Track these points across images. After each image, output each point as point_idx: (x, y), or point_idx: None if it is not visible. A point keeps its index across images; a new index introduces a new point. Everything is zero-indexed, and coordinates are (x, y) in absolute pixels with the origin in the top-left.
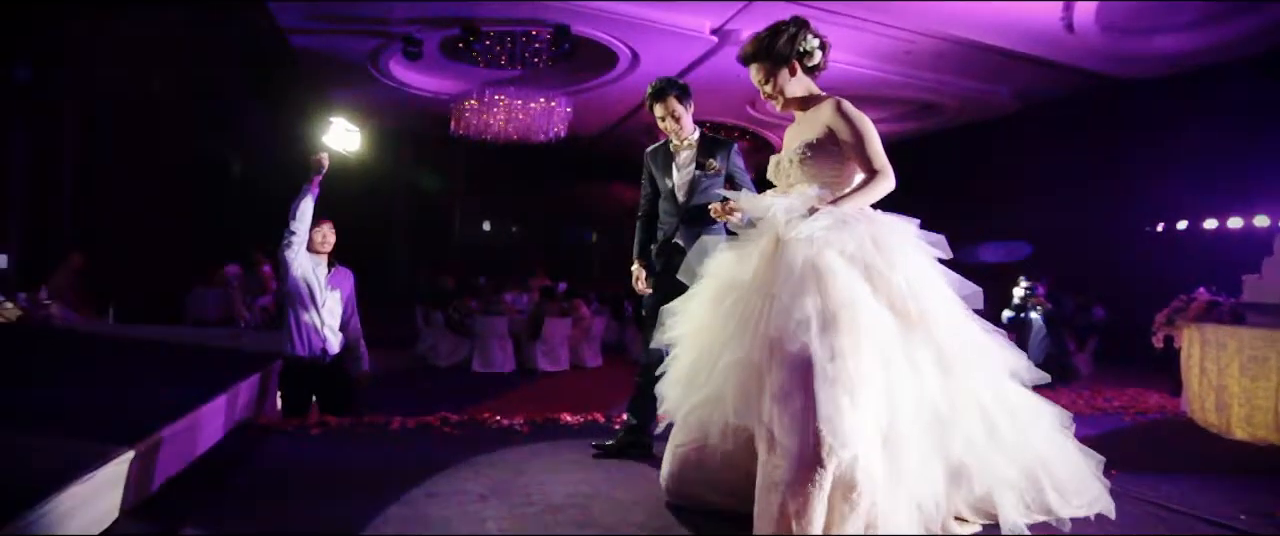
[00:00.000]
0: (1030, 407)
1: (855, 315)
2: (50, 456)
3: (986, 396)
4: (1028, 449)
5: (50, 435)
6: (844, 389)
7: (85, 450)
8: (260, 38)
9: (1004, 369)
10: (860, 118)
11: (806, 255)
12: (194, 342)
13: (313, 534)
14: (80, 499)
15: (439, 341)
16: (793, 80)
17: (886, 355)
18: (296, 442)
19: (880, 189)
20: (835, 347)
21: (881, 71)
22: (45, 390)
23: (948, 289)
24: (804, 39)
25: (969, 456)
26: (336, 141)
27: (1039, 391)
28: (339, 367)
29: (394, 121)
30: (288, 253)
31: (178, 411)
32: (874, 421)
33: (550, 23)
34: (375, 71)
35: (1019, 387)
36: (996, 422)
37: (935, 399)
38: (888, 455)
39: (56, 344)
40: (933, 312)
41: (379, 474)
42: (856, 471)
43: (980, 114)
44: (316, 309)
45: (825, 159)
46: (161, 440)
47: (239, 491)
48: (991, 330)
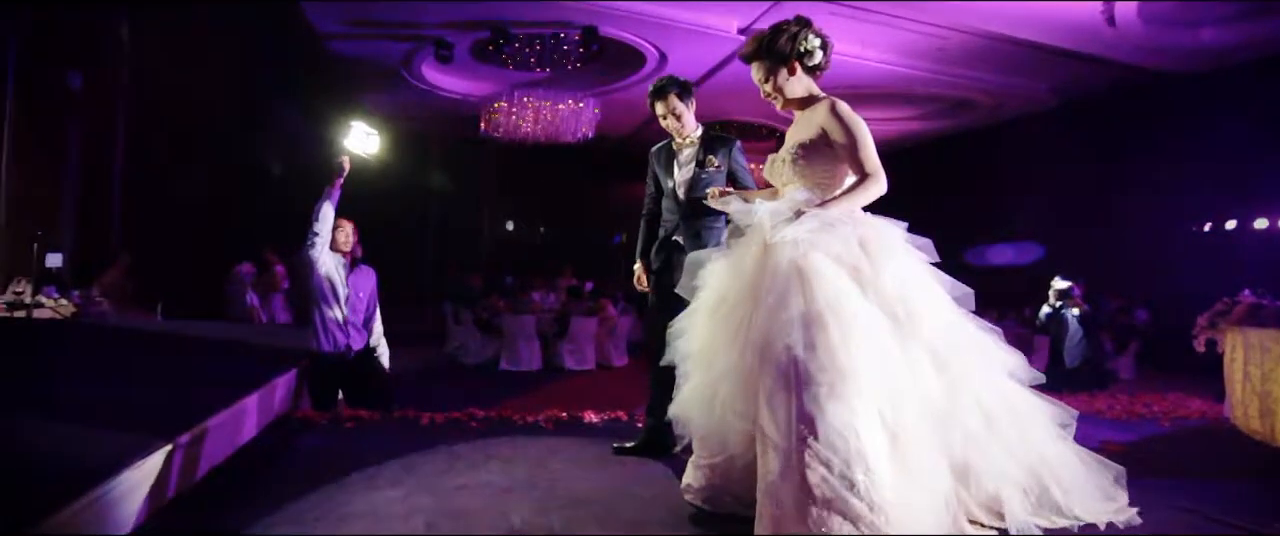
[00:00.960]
0: (1031, 407)
1: (842, 315)
2: (98, 446)
3: (985, 394)
4: (1030, 447)
5: (98, 426)
6: (829, 389)
7: (130, 441)
8: (298, 44)
9: (1002, 367)
10: (854, 120)
11: (792, 258)
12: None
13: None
14: (126, 488)
15: (468, 340)
16: (792, 80)
17: (882, 352)
18: (330, 436)
19: (871, 192)
20: (820, 347)
21: (913, 68)
22: (95, 383)
23: (939, 289)
24: (805, 38)
25: (971, 453)
26: (357, 145)
27: (1076, 395)
28: (363, 363)
29: (425, 124)
30: (312, 253)
31: (219, 405)
32: (874, 419)
33: (578, 24)
34: (408, 75)
35: (1019, 387)
36: (996, 419)
37: (933, 396)
38: (896, 453)
39: (107, 339)
40: (922, 312)
41: (408, 467)
42: (854, 471)
43: (1016, 110)
44: (340, 306)
45: (818, 160)
46: (204, 432)
47: (276, 482)
48: (990, 329)
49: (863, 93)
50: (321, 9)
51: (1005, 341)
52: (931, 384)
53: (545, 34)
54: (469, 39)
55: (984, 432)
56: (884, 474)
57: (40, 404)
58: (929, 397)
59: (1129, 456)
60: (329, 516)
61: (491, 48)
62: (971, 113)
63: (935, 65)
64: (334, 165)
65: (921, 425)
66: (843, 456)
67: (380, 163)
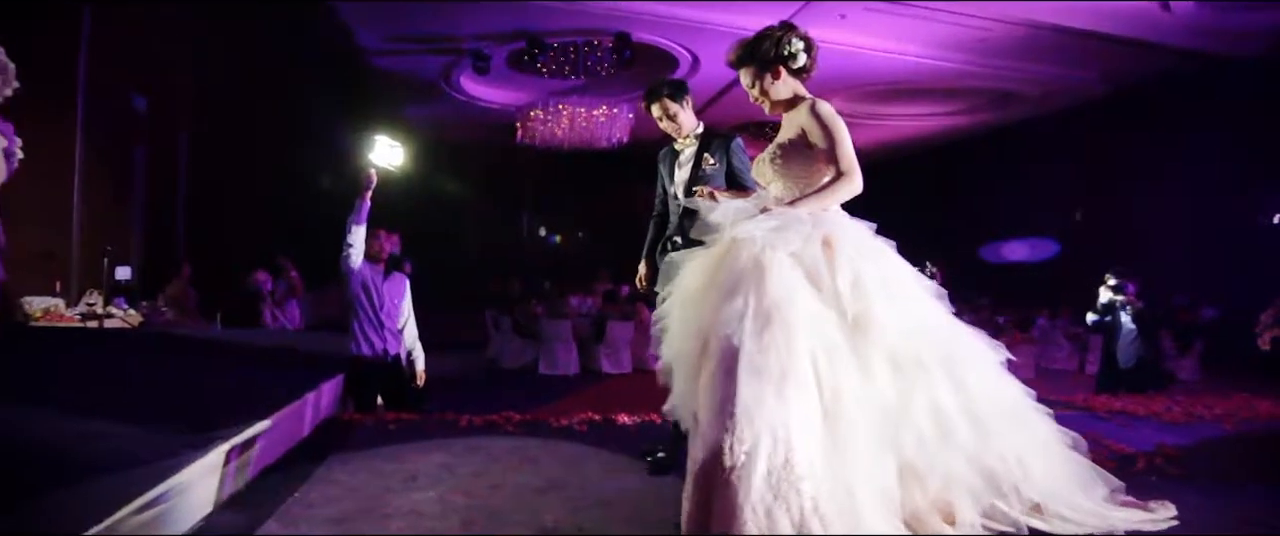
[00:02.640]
0: (1002, 412)
1: (790, 312)
2: (158, 447)
3: (945, 397)
4: (995, 452)
5: (159, 428)
6: (769, 382)
7: (190, 442)
8: (345, 62)
9: (975, 371)
10: (832, 119)
11: (751, 253)
12: (285, 345)
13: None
14: (185, 486)
15: (507, 345)
16: (778, 83)
17: (829, 351)
18: (374, 437)
19: (842, 191)
20: (764, 343)
21: (954, 62)
22: (159, 388)
23: (909, 290)
24: (789, 42)
25: (923, 455)
26: (381, 158)
27: (1131, 396)
28: (400, 367)
29: (464, 134)
30: (347, 263)
31: (272, 408)
32: (812, 417)
33: (611, 31)
34: (447, 87)
35: (995, 391)
36: (952, 423)
37: (884, 396)
38: (835, 452)
39: (169, 346)
40: (879, 313)
41: (446, 467)
42: (783, 468)
43: (1065, 101)
44: (377, 313)
45: (796, 160)
46: (258, 434)
47: (322, 482)
48: (972, 333)
49: (901, 88)
50: (367, 27)
51: (987, 343)
52: (883, 384)
53: (579, 42)
54: (505, 50)
55: (936, 435)
56: (816, 472)
57: (108, 406)
58: (879, 398)
59: (1185, 460)
60: (371, 515)
61: (527, 57)
62: (1018, 105)
63: (978, 58)
64: (361, 179)
65: (866, 424)
66: (771, 452)
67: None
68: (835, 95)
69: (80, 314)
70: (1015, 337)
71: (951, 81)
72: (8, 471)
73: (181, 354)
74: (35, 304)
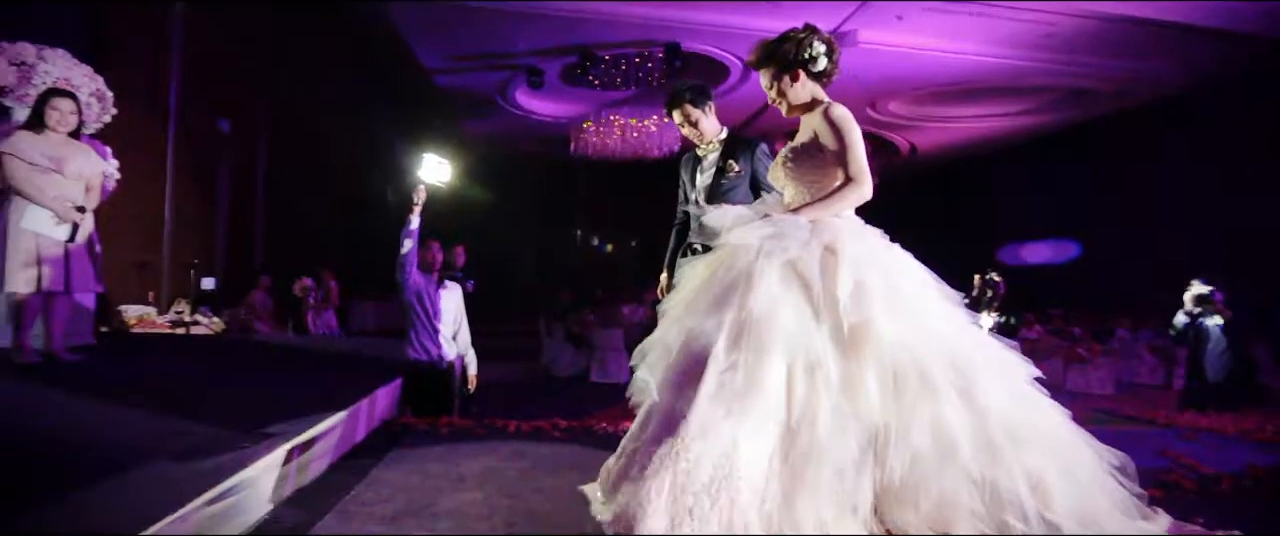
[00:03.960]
0: (1027, 432)
1: (765, 330)
2: (229, 444)
3: (949, 413)
4: (1003, 473)
5: (231, 426)
6: (731, 397)
7: (256, 440)
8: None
9: (990, 386)
10: (844, 123)
11: (744, 262)
12: (351, 351)
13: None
14: (251, 480)
15: (559, 353)
16: (796, 86)
17: (810, 368)
18: (426, 440)
19: (851, 197)
20: (734, 358)
21: (1018, 59)
22: (235, 390)
23: (922, 300)
24: (810, 45)
25: (916, 474)
26: (430, 174)
27: (1220, 412)
28: (452, 373)
29: (519, 146)
30: (402, 273)
31: (335, 411)
32: (765, 432)
33: (662, 41)
34: (503, 102)
35: (1015, 409)
36: (954, 443)
37: (870, 416)
38: (786, 466)
39: (246, 351)
40: (880, 324)
41: (493, 471)
42: (725, 476)
43: (1141, 97)
44: (431, 320)
45: (807, 164)
46: (321, 435)
47: (376, 482)
48: (994, 347)
49: (963, 89)
50: (427, 47)
51: (1012, 357)
52: (872, 402)
53: (630, 54)
54: (558, 64)
55: (934, 454)
56: (758, 486)
57: (188, 406)
58: (865, 417)
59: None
60: (421, 514)
61: (579, 71)
62: (1091, 102)
63: (1044, 54)
64: (410, 195)
65: (838, 445)
66: (717, 463)
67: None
68: (893, 98)
69: (170, 321)
70: (1092, 350)
71: (1017, 80)
72: (94, 463)
73: (256, 358)
74: (130, 312)
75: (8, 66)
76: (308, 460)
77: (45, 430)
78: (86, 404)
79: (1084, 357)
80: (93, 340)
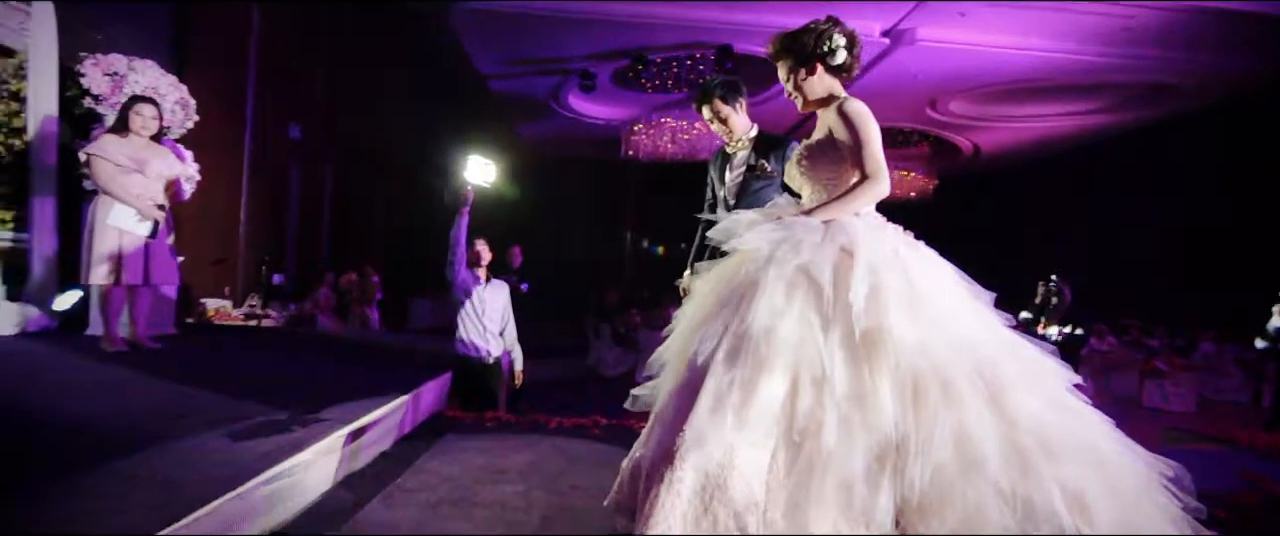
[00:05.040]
0: (1065, 442)
1: (765, 343)
2: (292, 426)
3: (976, 423)
4: (1037, 486)
5: (295, 411)
6: (727, 411)
7: (315, 426)
8: (465, 87)
9: (1023, 394)
10: (860, 118)
11: (749, 271)
12: (406, 346)
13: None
14: (308, 463)
15: (606, 353)
16: (812, 80)
17: (816, 382)
18: (472, 433)
19: (867, 195)
20: (732, 371)
21: (1091, 55)
22: (298, 378)
23: (948, 302)
24: (830, 38)
25: (936, 487)
26: (475, 175)
27: None
28: (498, 368)
29: (571, 149)
30: (451, 271)
31: (386, 401)
32: (763, 447)
33: (713, 44)
34: (556, 105)
35: (1052, 418)
36: (981, 454)
37: (884, 428)
38: (803, 487)
39: (311, 343)
40: (897, 329)
41: (533, 466)
42: (718, 487)
43: (1228, 92)
44: (477, 316)
45: (823, 161)
46: (371, 422)
47: (421, 471)
48: (1031, 352)
49: (1026, 86)
50: (484, 54)
51: (1051, 363)
52: (887, 413)
53: (681, 56)
54: (610, 67)
55: (959, 466)
56: (757, 499)
57: (257, 393)
58: (878, 429)
59: None
60: (461, 503)
61: (631, 74)
62: (1172, 99)
63: (1121, 49)
64: (458, 197)
65: (850, 456)
66: (712, 473)
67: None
68: (955, 97)
69: (244, 313)
70: (1172, 363)
71: (1090, 76)
72: (166, 441)
73: (319, 350)
74: (208, 305)
75: (102, 77)
76: (359, 447)
77: (125, 410)
78: (163, 387)
79: (1163, 371)
80: (174, 329)
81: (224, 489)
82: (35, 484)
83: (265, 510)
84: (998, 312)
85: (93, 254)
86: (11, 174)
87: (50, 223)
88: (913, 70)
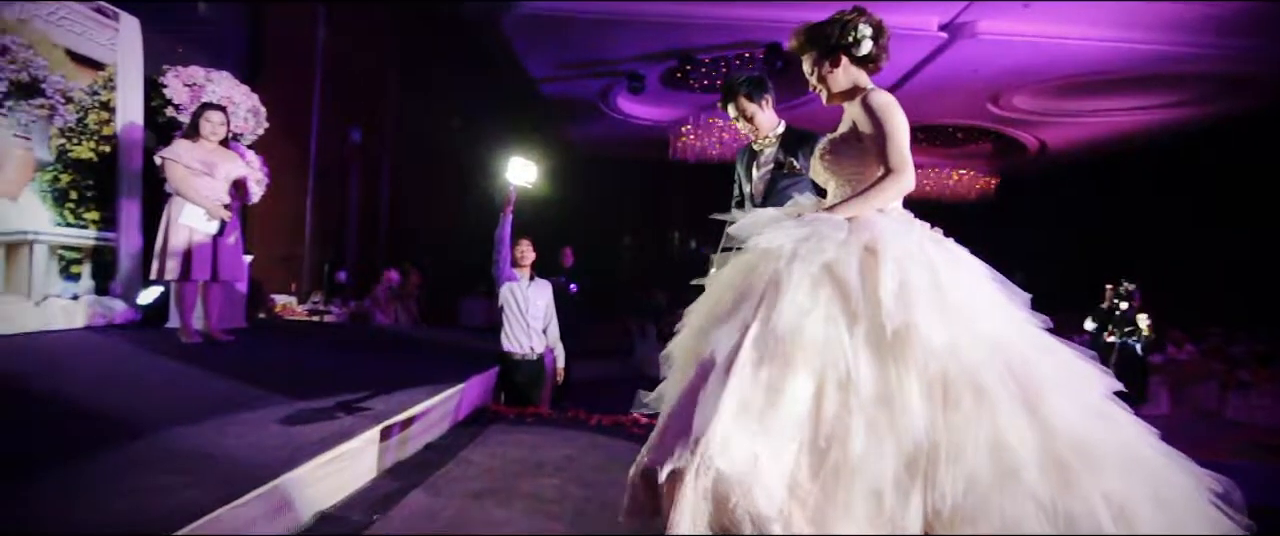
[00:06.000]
0: (1107, 452)
1: (793, 345)
2: (342, 415)
3: (1011, 431)
4: (1078, 498)
5: (348, 402)
6: (751, 416)
7: (365, 416)
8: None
9: (1060, 400)
10: (885, 110)
11: (773, 268)
12: (455, 342)
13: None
14: (357, 451)
15: (651, 353)
16: (837, 72)
17: (842, 385)
18: (515, 427)
19: (890, 191)
20: (759, 375)
21: (1169, 44)
22: (353, 370)
23: (979, 303)
24: (855, 28)
25: (970, 498)
26: (516, 176)
27: None
28: (541, 365)
29: (620, 151)
30: (495, 270)
31: (434, 393)
32: (789, 452)
33: (762, 42)
34: (605, 107)
35: (1092, 426)
36: (1017, 463)
37: (914, 433)
38: (813, 487)
39: (369, 337)
40: (926, 329)
41: (571, 459)
42: (743, 495)
43: None
44: (521, 314)
45: (847, 155)
46: (418, 414)
47: (465, 462)
48: (1068, 356)
49: (1097, 79)
50: (536, 58)
51: (1089, 368)
52: (916, 418)
53: (730, 55)
54: (659, 69)
55: (993, 476)
56: (783, 508)
57: (319, 384)
58: (908, 434)
59: None
60: (499, 494)
61: (680, 74)
62: (1253, 92)
63: (1203, 37)
64: (502, 197)
65: (879, 462)
66: (736, 481)
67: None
68: (1018, 92)
69: (308, 309)
70: (1257, 374)
71: (1166, 68)
72: (230, 424)
73: (375, 344)
74: (277, 301)
75: (182, 87)
76: (407, 437)
77: (196, 397)
78: (232, 377)
79: (1247, 382)
80: (244, 324)
81: (281, 470)
82: (116, 458)
83: (316, 492)
84: (1033, 314)
85: (165, 250)
86: (101, 177)
87: (135, 222)
88: (973, 65)
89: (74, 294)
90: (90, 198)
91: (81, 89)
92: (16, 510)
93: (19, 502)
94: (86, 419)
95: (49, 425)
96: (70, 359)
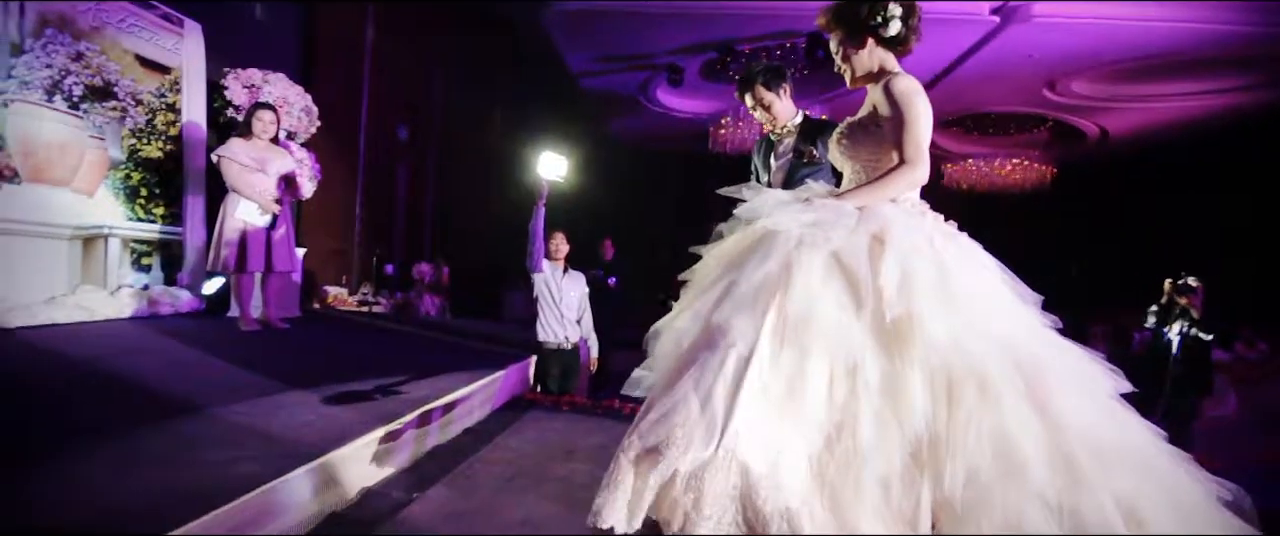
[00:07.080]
0: (1114, 452)
1: (806, 331)
2: (385, 400)
3: (1015, 425)
4: (1084, 496)
5: (394, 387)
6: (771, 405)
7: (408, 401)
8: (558, 86)
9: (1068, 398)
10: (908, 97)
11: (783, 252)
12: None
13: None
14: (397, 433)
15: None
16: (862, 53)
17: (850, 371)
18: (551, 414)
19: (901, 182)
20: (779, 363)
21: (1242, 24)
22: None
23: (986, 297)
24: (883, 7)
25: (973, 491)
26: (547, 170)
27: None
28: (576, 355)
29: (660, 144)
30: (529, 263)
31: (472, 381)
32: (806, 440)
33: (804, 31)
34: (644, 100)
35: (1101, 425)
36: (1022, 459)
37: (915, 424)
38: (829, 475)
39: (414, 327)
40: (928, 320)
41: (602, 446)
42: (760, 479)
43: None
44: (556, 306)
45: (864, 140)
46: (457, 400)
47: (501, 447)
48: (1077, 354)
49: (1162, 62)
50: (576, 52)
51: (1099, 367)
52: (919, 409)
53: (771, 46)
54: (698, 61)
55: (997, 470)
56: (803, 494)
57: (360, 369)
58: (911, 424)
59: None
60: (531, 477)
61: (720, 66)
62: None
63: (1275, 15)
64: (535, 190)
65: (886, 452)
66: (755, 469)
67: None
68: (1077, 77)
69: (358, 300)
70: None
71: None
72: (284, 406)
73: (419, 334)
74: (329, 292)
75: (241, 88)
76: (448, 421)
77: (252, 380)
78: (286, 362)
79: None
80: (299, 313)
81: (329, 448)
82: (180, 432)
83: (361, 470)
84: (1044, 314)
85: (221, 243)
86: (168, 175)
87: (200, 217)
88: (1027, 49)
89: (145, 284)
90: (158, 194)
91: (150, 92)
92: (94, 474)
93: (97, 466)
94: (154, 397)
95: (121, 402)
96: (141, 344)
